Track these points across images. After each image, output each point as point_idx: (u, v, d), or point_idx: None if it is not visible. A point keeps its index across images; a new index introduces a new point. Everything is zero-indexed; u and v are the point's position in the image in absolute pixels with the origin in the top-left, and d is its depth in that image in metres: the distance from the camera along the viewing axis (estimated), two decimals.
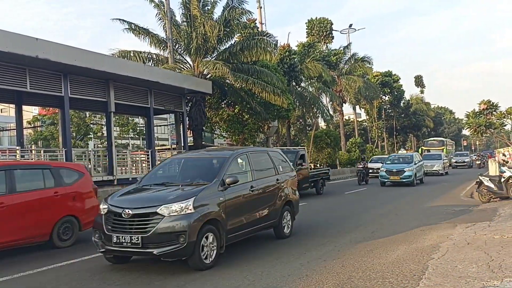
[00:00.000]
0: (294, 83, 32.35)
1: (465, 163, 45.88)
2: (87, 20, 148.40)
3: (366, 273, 5.93)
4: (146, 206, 6.22)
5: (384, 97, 55.69)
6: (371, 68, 46.95)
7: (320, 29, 41.99)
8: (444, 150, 47.97)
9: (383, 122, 56.98)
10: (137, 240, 6.01)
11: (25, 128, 26.96)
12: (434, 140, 55.34)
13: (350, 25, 48.60)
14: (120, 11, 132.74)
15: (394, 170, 22.74)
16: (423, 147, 51.62)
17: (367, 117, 57.82)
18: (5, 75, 13.46)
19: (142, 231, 6.06)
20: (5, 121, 39.19)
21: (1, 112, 43.94)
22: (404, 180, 22.24)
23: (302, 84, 35.48)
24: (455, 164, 45.90)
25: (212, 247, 6.52)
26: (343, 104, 42.59)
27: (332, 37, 42.81)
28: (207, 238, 6.40)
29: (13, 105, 19.67)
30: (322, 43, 42.15)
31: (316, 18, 42.74)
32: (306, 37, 42.22)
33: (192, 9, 22.64)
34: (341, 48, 41.76)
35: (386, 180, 22.81)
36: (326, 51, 41.07)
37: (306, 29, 42.86)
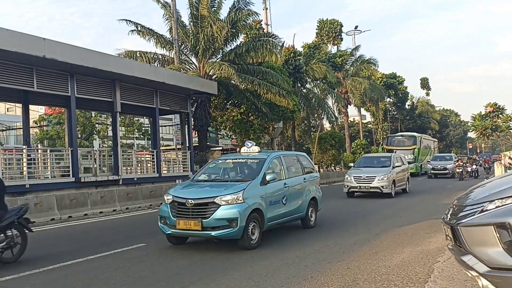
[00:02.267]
0: (299, 85, 32.35)
1: (447, 171, 32.76)
2: (91, 20, 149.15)
3: (371, 276, 5.91)
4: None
5: (388, 99, 55.56)
6: (377, 70, 46.90)
7: (330, 30, 42.04)
8: (416, 151, 36.36)
9: (388, 124, 56.84)
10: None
11: (32, 127, 27.11)
12: (401, 136, 39.58)
13: (356, 27, 48.60)
14: (124, 11, 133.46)
15: (188, 203, 7.82)
16: (385, 146, 38.08)
17: (372, 119, 57.69)
18: (13, 74, 13.57)
19: None
20: (11, 120, 39.42)
21: (8, 111, 44.24)
22: (212, 233, 7.73)
23: (307, 86, 35.49)
24: (432, 172, 33.07)
25: None
26: (348, 105, 42.52)
27: (341, 39, 42.88)
28: None
29: (19, 105, 19.80)
30: (331, 44, 42.20)
31: (327, 19, 42.78)
32: (315, 37, 42.28)
33: (201, 9, 22.72)
34: (347, 50, 41.73)
35: (170, 232, 8.11)
36: (332, 52, 41.07)
37: (316, 29, 42.99)
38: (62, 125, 31.93)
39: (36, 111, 36.14)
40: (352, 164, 20.80)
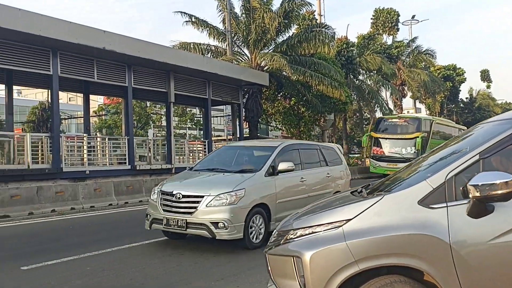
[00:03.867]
0: (351, 76, 31.75)
1: None
2: (148, 12, 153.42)
3: None
4: None
5: (446, 92, 53.37)
6: (434, 61, 45.13)
7: (386, 19, 40.82)
8: (418, 141, 22.81)
9: (445, 117, 54.66)
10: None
11: (91, 116, 28.37)
12: (399, 119, 25.87)
13: (413, 17, 46.82)
14: (179, 3, 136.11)
15: None
16: (373, 134, 25.30)
17: (428, 111, 55.65)
18: (75, 65, 14.23)
19: None
20: (73, 110, 41.48)
21: (70, 100, 46.55)
22: None
23: (360, 77, 34.77)
24: None
25: None
26: (403, 98, 41.24)
27: (397, 29, 41.53)
28: None
29: (81, 94, 20.78)
30: (387, 34, 41.01)
31: (383, 8, 41.53)
32: (371, 27, 41.24)
33: (252, 0, 22.78)
34: (404, 41, 40.38)
35: None
36: (388, 43, 39.90)
37: (372, 18, 41.87)
38: (119, 115, 33.18)
39: (96, 100, 37.75)
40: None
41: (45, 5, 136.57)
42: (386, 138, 24.42)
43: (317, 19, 31.28)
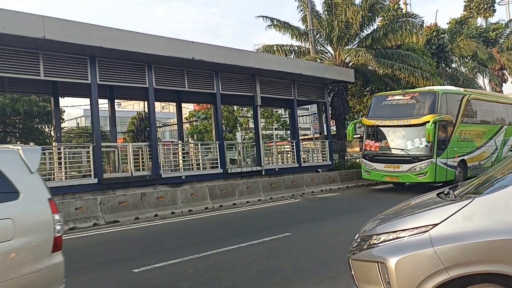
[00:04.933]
0: (443, 65, 29.97)
1: None
2: (230, 18, 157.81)
3: None
4: None
5: None
6: None
7: (481, 1, 38.09)
8: (428, 129, 13.99)
9: None
10: None
11: (183, 123, 29.86)
12: (403, 95, 16.00)
13: None
14: (259, 4, 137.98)
15: None
16: (365, 121, 16.78)
17: None
18: (168, 77, 15.12)
19: None
20: (166, 117, 44.02)
21: (163, 109, 49.43)
22: None
23: (453, 65, 32.69)
24: None
25: None
26: (503, 83, 38.00)
27: (494, 10, 38.53)
28: None
29: (173, 103, 22.00)
30: (482, 17, 38.18)
31: None
32: (464, 11, 38.76)
33: None
34: (501, 22, 37.23)
35: None
36: (484, 26, 37.07)
37: (465, 1, 39.35)
38: (209, 120, 34.46)
39: (186, 107, 39.61)
40: None
41: (140, 20, 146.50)
42: (382, 126, 15.98)
43: (402, 9, 30.02)
